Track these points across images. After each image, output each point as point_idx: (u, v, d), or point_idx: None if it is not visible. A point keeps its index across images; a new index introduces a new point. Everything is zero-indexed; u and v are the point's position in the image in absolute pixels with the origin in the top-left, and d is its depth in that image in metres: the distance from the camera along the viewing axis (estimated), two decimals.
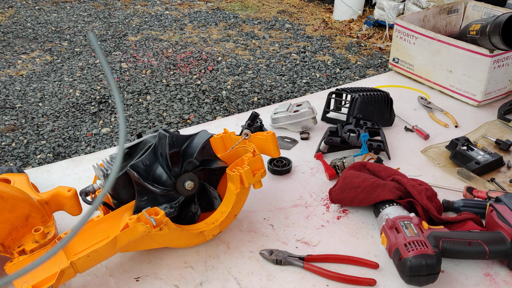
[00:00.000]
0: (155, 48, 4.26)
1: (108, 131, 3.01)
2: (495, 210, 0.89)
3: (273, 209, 1.03)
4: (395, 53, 1.67)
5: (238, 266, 0.88)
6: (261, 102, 3.37)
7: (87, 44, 4.32)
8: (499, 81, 1.45)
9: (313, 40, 4.54)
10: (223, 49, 4.28)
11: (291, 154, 1.23)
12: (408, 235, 0.83)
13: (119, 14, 5.14)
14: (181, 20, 5.01)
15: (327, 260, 0.88)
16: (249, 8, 5.51)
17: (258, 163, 0.92)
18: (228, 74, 3.79)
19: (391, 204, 0.94)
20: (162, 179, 0.87)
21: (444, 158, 1.19)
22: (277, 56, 4.15)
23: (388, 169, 1.04)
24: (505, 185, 1.09)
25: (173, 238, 0.87)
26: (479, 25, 1.41)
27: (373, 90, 1.35)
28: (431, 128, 1.34)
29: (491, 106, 1.47)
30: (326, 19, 5.11)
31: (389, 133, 1.32)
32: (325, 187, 1.10)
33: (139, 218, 0.82)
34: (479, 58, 1.40)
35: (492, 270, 0.87)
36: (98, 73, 3.75)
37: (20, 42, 4.35)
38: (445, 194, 1.06)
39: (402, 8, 4.37)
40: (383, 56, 4.19)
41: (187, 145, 0.91)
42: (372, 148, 1.19)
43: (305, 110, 1.30)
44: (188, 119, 3.14)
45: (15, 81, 3.62)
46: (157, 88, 3.53)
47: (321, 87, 3.61)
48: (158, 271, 0.87)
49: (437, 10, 1.71)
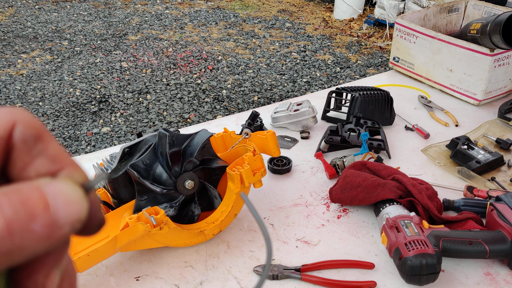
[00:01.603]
0: (155, 47, 4.26)
1: (108, 130, 3.01)
2: (496, 209, 0.89)
3: (273, 208, 1.03)
4: (395, 52, 1.67)
5: (238, 266, 0.88)
6: (261, 101, 3.37)
7: (87, 44, 4.32)
8: (500, 80, 1.45)
9: (314, 39, 4.54)
10: (223, 48, 4.28)
11: (291, 153, 1.22)
12: (409, 234, 0.83)
13: (119, 13, 5.14)
14: (181, 19, 5.01)
15: (323, 267, 0.87)
16: (249, 7, 5.51)
17: (258, 162, 0.92)
18: (228, 73, 3.79)
19: (391, 203, 0.94)
20: (162, 179, 0.87)
21: (445, 157, 1.19)
22: (277, 55, 4.15)
23: (389, 168, 1.04)
24: (505, 184, 1.09)
25: (173, 237, 0.86)
26: (480, 24, 1.41)
27: (373, 89, 1.35)
28: (431, 127, 1.34)
29: (492, 105, 1.47)
30: (326, 18, 5.11)
31: (389, 132, 1.32)
32: (325, 186, 1.10)
33: (139, 217, 0.81)
34: (479, 57, 1.39)
35: (492, 269, 0.87)
36: (98, 72, 3.75)
37: (20, 42, 4.35)
38: (445, 193, 1.06)
39: (403, 7, 4.37)
40: (383, 55, 4.19)
41: (187, 144, 0.90)
42: (372, 147, 1.19)
43: (305, 109, 1.29)
44: (188, 118, 3.14)
45: (15, 81, 3.62)
46: (157, 87, 3.53)
47: (321, 86, 3.61)
48: (158, 271, 0.87)
49: (438, 9, 1.71)
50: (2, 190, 0.18)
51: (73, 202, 0.19)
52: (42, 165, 0.20)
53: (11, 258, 0.17)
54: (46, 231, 0.18)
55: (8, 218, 0.17)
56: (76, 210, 0.19)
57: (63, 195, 0.19)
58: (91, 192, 0.20)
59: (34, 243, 0.18)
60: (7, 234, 0.17)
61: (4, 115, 0.20)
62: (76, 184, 0.19)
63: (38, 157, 0.20)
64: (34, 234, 0.18)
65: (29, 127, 0.20)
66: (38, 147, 0.20)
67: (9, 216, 0.17)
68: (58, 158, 0.20)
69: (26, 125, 0.20)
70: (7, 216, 0.17)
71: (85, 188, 0.20)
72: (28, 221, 0.17)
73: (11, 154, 0.20)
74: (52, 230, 0.18)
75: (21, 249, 0.17)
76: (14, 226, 0.17)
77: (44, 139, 0.20)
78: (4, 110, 0.20)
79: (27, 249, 0.18)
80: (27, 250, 0.18)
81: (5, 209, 0.17)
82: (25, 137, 0.20)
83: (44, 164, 0.20)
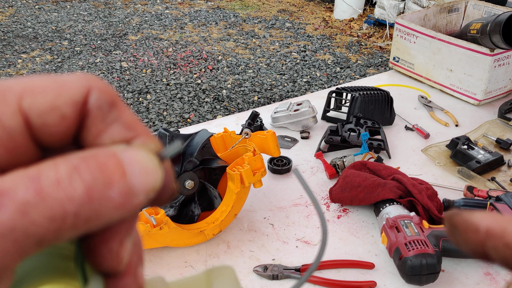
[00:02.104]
0: (155, 47, 4.26)
1: None
2: (496, 209, 0.89)
3: (273, 208, 1.03)
4: (395, 52, 1.67)
5: (238, 266, 0.88)
6: (261, 101, 3.37)
7: (87, 44, 4.32)
8: (500, 80, 1.45)
9: (314, 39, 4.54)
10: (223, 48, 4.28)
11: (291, 153, 1.22)
12: (409, 234, 0.83)
13: (119, 13, 5.14)
14: (181, 19, 5.01)
15: (323, 267, 0.87)
16: (249, 7, 5.51)
17: (258, 162, 0.92)
18: (228, 73, 3.79)
19: (391, 203, 0.94)
20: None
21: (445, 157, 1.19)
22: (277, 55, 4.15)
23: (389, 168, 1.04)
24: (505, 184, 1.09)
25: (173, 237, 0.86)
26: (480, 24, 1.41)
27: (373, 89, 1.35)
28: (431, 127, 1.34)
29: (492, 105, 1.47)
30: (326, 18, 5.11)
31: (389, 132, 1.32)
32: (325, 186, 1.10)
33: (139, 217, 0.81)
34: (479, 57, 1.39)
35: (492, 269, 0.87)
36: (98, 72, 3.75)
37: (20, 41, 4.36)
38: (445, 193, 1.06)
39: (403, 7, 4.37)
40: (383, 55, 4.19)
41: (187, 144, 0.90)
42: (372, 147, 1.19)
43: (305, 109, 1.29)
44: (188, 118, 3.14)
45: None
46: (157, 87, 3.53)
47: (321, 86, 3.61)
48: (158, 271, 0.87)
49: (438, 9, 1.71)
50: (80, 154, 0.18)
51: (149, 171, 0.19)
52: (117, 132, 0.20)
53: (88, 224, 0.17)
54: (122, 199, 0.18)
55: (88, 184, 0.17)
56: (151, 179, 0.19)
57: (139, 163, 0.18)
58: (165, 161, 0.20)
59: (111, 210, 0.18)
60: (87, 200, 0.17)
61: (80, 80, 0.20)
62: (152, 153, 0.19)
63: (112, 124, 0.20)
64: (111, 201, 0.17)
65: (105, 94, 0.20)
66: (112, 114, 0.20)
67: (88, 181, 0.17)
68: (133, 126, 0.20)
69: (102, 92, 0.20)
70: (86, 181, 0.17)
71: (160, 157, 0.20)
72: (106, 188, 0.17)
73: (86, 120, 0.20)
74: (128, 198, 0.18)
75: (98, 215, 0.17)
76: (93, 192, 0.17)
77: (119, 107, 0.20)
78: (80, 76, 0.20)
79: (103, 216, 0.18)
80: (103, 217, 0.18)
81: (84, 174, 0.17)
82: (100, 103, 0.20)
83: (118, 131, 0.20)
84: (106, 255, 0.19)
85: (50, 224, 0.16)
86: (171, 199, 0.21)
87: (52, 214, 0.16)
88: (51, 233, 0.16)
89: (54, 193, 0.16)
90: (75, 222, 0.17)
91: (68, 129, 0.19)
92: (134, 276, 0.21)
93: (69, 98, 0.19)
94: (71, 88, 0.19)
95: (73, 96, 0.19)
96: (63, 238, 0.17)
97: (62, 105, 0.19)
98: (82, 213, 0.17)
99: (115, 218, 0.18)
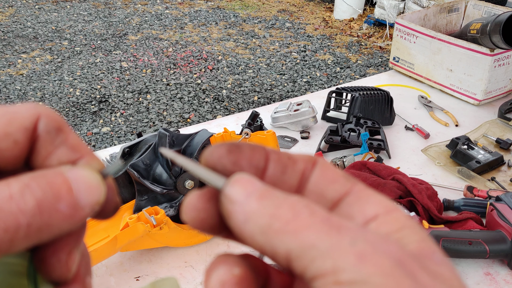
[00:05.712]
0: (155, 47, 4.26)
1: (108, 130, 3.01)
2: (496, 209, 0.89)
3: None
4: (395, 52, 1.67)
5: None
6: (261, 101, 3.37)
7: (87, 44, 4.32)
8: (500, 80, 1.45)
9: (314, 39, 4.54)
10: (223, 48, 4.28)
11: None
12: None
13: (119, 13, 5.14)
14: (181, 19, 5.01)
15: None
16: (249, 7, 5.51)
17: None
18: (228, 73, 3.79)
19: None
20: (162, 178, 0.87)
21: (445, 157, 1.19)
22: (277, 55, 4.15)
23: (389, 168, 1.04)
24: (505, 184, 1.09)
25: (173, 237, 0.87)
26: (480, 24, 1.41)
27: (373, 89, 1.35)
28: (431, 127, 1.34)
29: (492, 105, 1.47)
30: (326, 18, 5.11)
31: (389, 132, 1.32)
32: None
33: (139, 217, 0.81)
34: (479, 57, 1.39)
35: (492, 269, 0.87)
36: (98, 72, 3.75)
37: (20, 41, 4.36)
38: (445, 193, 1.06)
39: (403, 7, 4.37)
40: (383, 55, 4.19)
41: (187, 144, 0.91)
42: (372, 147, 1.19)
43: (305, 109, 1.29)
44: (188, 118, 3.15)
45: (15, 81, 3.62)
46: (158, 87, 3.53)
47: (321, 86, 3.61)
48: (158, 271, 0.87)
49: (438, 9, 1.71)
50: (30, 174, 0.20)
51: (93, 187, 0.21)
52: (64, 154, 0.22)
53: (40, 235, 0.19)
54: (70, 211, 0.20)
55: (38, 198, 0.19)
56: (95, 193, 0.21)
57: (84, 180, 0.21)
58: (108, 178, 0.22)
59: (60, 222, 0.20)
60: (38, 212, 0.19)
61: (30, 109, 0.22)
62: (95, 171, 0.22)
63: (59, 147, 0.22)
64: (60, 213, 0.20)
65: (52, 120, 0.22)
66: (59, 138, 0.22)
67: (39, 196, 0.19)
68: (77, 148, 0.23)
69: (50, 118, 0.22)
70: (37, 196, 0.19)
71: (103, 175, 0.22)
72: (55, 201, 0.20)
73: (36, 144, 0.22)
74: (75, 211, 0.20)
75: (49, 226, 0.20)
76: (43, 205, 0.19)
77: (65, 131, 0.23)
78: (30, 105, 0.22)
79: (54, 226, 0.20)
80: (54, 228, 0.20)
81: (35, 190, 0.19)
82: (49, 128, 0.22)
83: (65, 153, 0.22)
84: (56, 265, 0.21)
85: (4, 234, 0.18)
86: (115, 212, 0.23)
87: (6, 225, 0.18)
88: (5, 243, 0.18)
89: (7, 207, 0.19)
90: (28, 232, 0.19)
91: (20, 153, 0.22)
92: (82, 285, 0.23)
93: (20, 125, 0.21)
94: (21, 116, 0.22)
95: (23, 123, 0.21)
96: (17, 248, 0.19)
97: (14, 132, 0.21)
98: (34, 224, 0.19)
99: (64, 229, 0.20)
